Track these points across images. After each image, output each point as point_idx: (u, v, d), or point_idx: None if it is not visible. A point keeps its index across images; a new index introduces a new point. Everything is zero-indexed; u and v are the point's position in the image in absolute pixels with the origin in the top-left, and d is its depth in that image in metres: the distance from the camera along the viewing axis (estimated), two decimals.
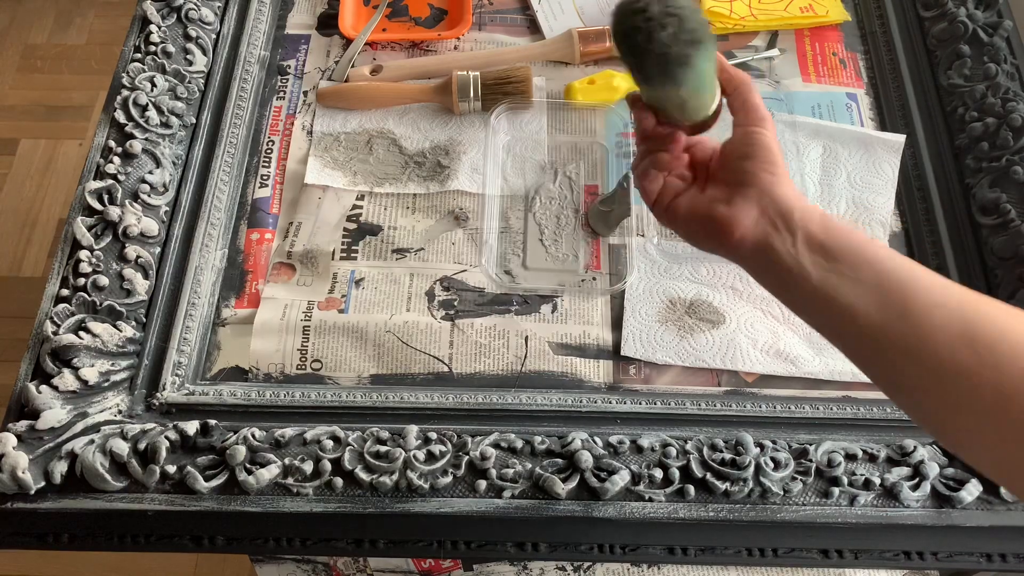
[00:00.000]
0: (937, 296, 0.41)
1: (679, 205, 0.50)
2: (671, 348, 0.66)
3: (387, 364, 0.65)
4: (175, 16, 0.77)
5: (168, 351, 0.63)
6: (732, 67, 0.50)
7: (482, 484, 0.56)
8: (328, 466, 0.56)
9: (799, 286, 0.44)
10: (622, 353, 0.66)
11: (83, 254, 0.63)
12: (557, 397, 0.63)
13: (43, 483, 0.55)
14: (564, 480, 0.56)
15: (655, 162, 0.51)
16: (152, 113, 0.70)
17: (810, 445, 0.57)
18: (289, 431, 0.58)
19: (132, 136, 0.69)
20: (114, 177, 0.66)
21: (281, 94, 0.79)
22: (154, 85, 0.72)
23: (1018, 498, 0.55)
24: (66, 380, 0.58)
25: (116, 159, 0.67)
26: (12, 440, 0.55)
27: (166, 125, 0.71)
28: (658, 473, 0.56)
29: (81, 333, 0.60)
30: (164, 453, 0.55)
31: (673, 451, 0.57)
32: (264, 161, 0.75)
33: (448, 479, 0.56)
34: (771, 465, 0.56)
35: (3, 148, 1.66)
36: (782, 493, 0.56)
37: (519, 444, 0.58)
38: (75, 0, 1.85)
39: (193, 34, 0.76)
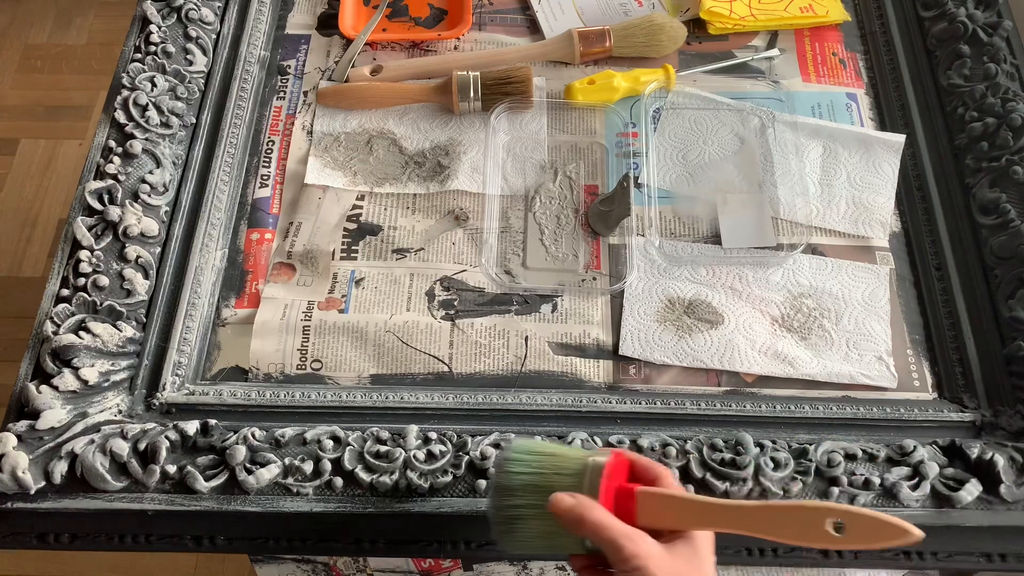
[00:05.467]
0: None
1: None
2: (669, 348, 0.66)
3: (387, 364, 0.65)
4: (175, 16, 0.77)
5: (168, 351, 0.63)
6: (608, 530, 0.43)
7: (482, 484, 0.56)
8: (328, 466, 0.56)
9: None
10: (620, 352, 0.66)
11: (83, 254, 0.63)
12: (557, 397, 0.63)
13: (43, 483, 0.55)
14: None
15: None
16: (152, 113, 0.70)
17: (810, 445, 0.57)
18: (289, 431, 0.58)
19: (132, 136, 0.69)
20: (114, 177, 0.66)
21: (281, 94, 0.79)
22: (154, 85, 0.72)
23: None
24: (66, 380, 0.58)
25: (116, 159, 0.67)
26: (12, 440, 0.55)
27: (166, 125, 0.71)
28: None
29: (81, 333, 0.60)
30: (164, 453, 0.55)
31: (673, 451, 0.57)
32: (264, 161, 0.75)
33: (448, 479, 0.56)
34: (771, 465, 0.56)
35: (3, 148, 1.66)
36: (782, 493, 0.56)
37: None
38: (75, 0, 1.85)
39: (193, 34, 0.76)
